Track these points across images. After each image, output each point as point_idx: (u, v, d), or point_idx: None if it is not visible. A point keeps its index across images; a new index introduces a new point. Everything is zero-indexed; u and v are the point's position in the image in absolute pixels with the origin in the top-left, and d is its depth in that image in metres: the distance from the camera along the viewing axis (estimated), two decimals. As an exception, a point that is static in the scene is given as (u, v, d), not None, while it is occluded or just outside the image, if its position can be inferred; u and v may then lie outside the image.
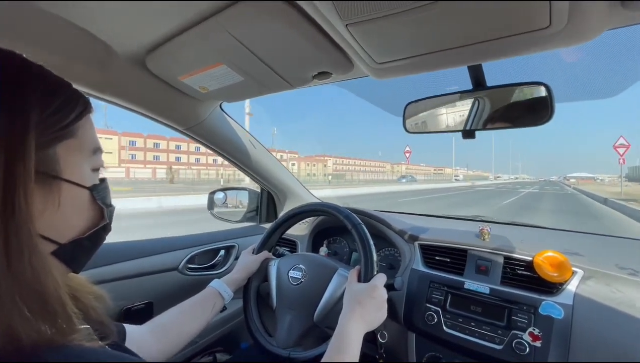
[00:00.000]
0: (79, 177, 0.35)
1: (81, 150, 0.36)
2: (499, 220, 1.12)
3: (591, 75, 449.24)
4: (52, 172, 0.32)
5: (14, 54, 0.32)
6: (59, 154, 0.33)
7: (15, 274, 0.27)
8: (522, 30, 0.44)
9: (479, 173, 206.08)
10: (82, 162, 0.36)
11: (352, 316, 0.60)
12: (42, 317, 0.28)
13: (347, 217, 0.78)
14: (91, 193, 0.37)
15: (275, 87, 0.77)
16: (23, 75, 0.31)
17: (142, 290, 0.97)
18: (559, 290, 0.73)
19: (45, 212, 0.32)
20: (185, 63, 0.70)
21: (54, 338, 0.29)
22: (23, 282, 0.27)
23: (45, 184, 0.31)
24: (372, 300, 0.64)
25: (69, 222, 0.35)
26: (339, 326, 0.59)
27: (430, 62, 0.57)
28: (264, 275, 0.86)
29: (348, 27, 0.49)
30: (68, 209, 0.34)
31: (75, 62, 0.67)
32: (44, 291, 0.29)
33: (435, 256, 0.93)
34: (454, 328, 0.80)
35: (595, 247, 0.91)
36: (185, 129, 0.98)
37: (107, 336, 0.38)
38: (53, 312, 0.29)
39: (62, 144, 0.33)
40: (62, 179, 0.33)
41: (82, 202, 0.36)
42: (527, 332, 0.71)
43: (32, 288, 0.28)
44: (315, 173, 46.09)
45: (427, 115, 0.75)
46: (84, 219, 0.37)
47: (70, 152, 0.34)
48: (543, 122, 0.56)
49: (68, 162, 0.34)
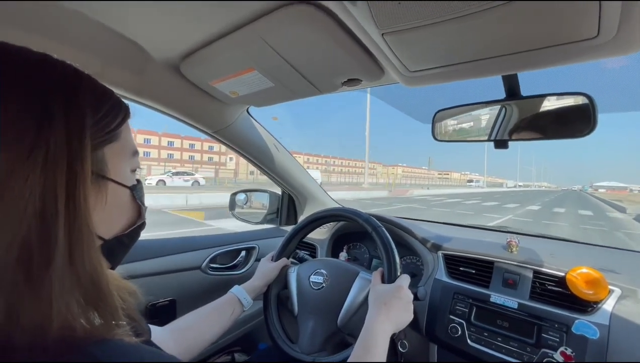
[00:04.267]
0: (122, 177, 0.38)
1: (123, 152, 0.38)
2: (528, 232, 1.08)
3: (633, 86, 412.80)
4: (101, 172, 0.35)
5: (67, 64, 0.34)
6: (107, 156, 0.35)
7: (77, 269, 0.29)
8: (566, 41, 0.43)
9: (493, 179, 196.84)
10: (124, 163, 0.38)
11: (378, 317, 0.60)
12: (95, 306, 0.30)
13: (367, 221, 0.77)
14: (132, 192, 0.39)
15: (304, 93, 0.78)
16: (77, 83, 0.33)
17: (166, 287, 0.99)
18: (594, 309, 0.70)
19: (95, 210, 0.34)
20: (218, 69, 0.72)
21: (101, 331, 0.30)
22: (82, 274, 0.29)
23: (95, 183, 0.34)
24: (398, 300, 0.63)
25: (113, 220, 0.38)
26: (365, 327, 0.59)
27: (464, 71, 0.56)
28: (283, 282, 0.87)
29: (384, 36, 0.49)
30: (113, 208, 0.37)
31: (112, 66, 0.70)
32: (98, 283, 0.31)
33: (459, 267, 0.91)
34: (479, 343, 0.78)
35: (632, 264, 0.86)
36: (214, 132, 1.00)
37: (142, 334, 0.40)
38: (103, 302, 0.31)
39: (108, 146, 0.35)
40: (109, 179, 0.36)
41: (124, 201, 0.39)
42: (558, 351, 0.68)
43: (89, 280, 0.30)
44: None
45: (458, 123, 0.73)
46: (125, 218, 0.40)
47: (115, 154, 0.36)
48: (584, 134, 0.54)
49: (113, 163, 0.36)
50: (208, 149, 60.76)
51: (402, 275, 0.69)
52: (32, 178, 0.27)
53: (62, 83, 0.32)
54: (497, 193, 40.92)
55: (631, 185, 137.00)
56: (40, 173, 0.28)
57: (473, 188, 61.17)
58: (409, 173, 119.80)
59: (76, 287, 0.29)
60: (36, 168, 0.27)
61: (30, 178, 0.27)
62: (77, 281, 0.29)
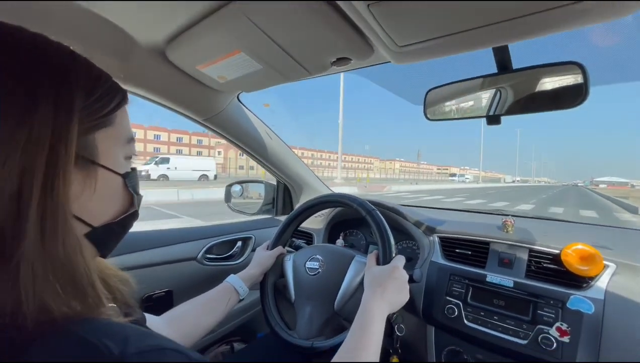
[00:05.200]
0: (114, 164, 0.37)
1: (117, 138, 0.37)
2: (522, 214, 1.08)
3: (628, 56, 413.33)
4: (91, 157, 0.34)
5: (62, 45, 0.34)
6: (98, 141, 0.34)
7: (50, 252, 0.28)
8: (554, 5, 0.42)
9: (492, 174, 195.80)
10: (117, 150, 0.37)
11: (374, 298, 0.59)
12: (73, 295, 0.29)
13: (361, 204, 0.77)
14: (124, 180, 0.38)
15: (293, 75, 0.76)
16: (71, 65, 0.33)
17: (162, 278, 0.99)
18: (589, 285, 0.70)
19: (82, 195, 0.33)
20: (205, 52, 0.71)
21: (83, 312, 0.30)
22: (56, 260, 0.29)
23: (84, 168, 0.33)
24: (393, 280, 0.63)
25: (102, 206, 0.37)
26: (361, 309, 0.59)
27: (454, 44, 0.55)
28: (280, 270, 0.86)
29: (370, 8, 0.48)
30: (102, 194, 0.36)
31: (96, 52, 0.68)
32: (75, 270, 0.30)
33: (455, 249, 0.91)
34: (475, 322, 0.78)
35: (624, 241, 0.86)
36: (204, 120, 0.98)
37: (131, 314, 0.39)
38: (83, 290, 0.30)
39: (101, 131, 0.34)
40: (99, 165, 0.35)
41: (115, 188, 0.38)
42: (554, 326, 0.68)
43: (64, 267, 0.29)
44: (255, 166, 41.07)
45: (449, 102, 0.72)
46: (116, 205, 0.39)
47: (108, 140, 0.35)
48: (576, 104, 0.53)
49: (105, 149, 0.35)
50: (197, 143, 59.91)
51: (397, 256, 0.69)
52: (13, 157, 0.27)
53: (54, 63, 0.31)
54: (490, 189, 36.65)
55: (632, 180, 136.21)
56: (21, 153, 0.27)
57: (456, 183, 55.12)
58: (407, 167, 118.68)
59: (50, 272, 0.28)
60: (18, 147, 0.27)
61: (10, 158, 0.26)
62: (51, 267, 0.28)
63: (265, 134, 1.14)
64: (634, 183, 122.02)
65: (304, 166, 1.35)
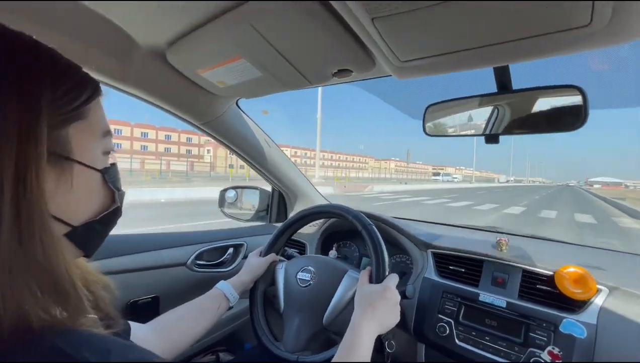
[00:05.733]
0: (90, 159, 0.35)
1: (92, 132, 0.36)
2: (518, 233, 1.08)
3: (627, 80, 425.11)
4: (64, 153, 0.32)
5: (24, 35, 0.32)
6: (71, 136, 0.33)
7: (27, 253, 0.27)
8: (559, 28, 0.42)
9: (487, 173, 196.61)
10: (93, 144, 0.36)
11: (364, 318, 0.58)
12: (53, 298, 0.28)
13: (357, 218, 0.76)
14: (103, 176, 0.37)
15: (294, 84, 0.76)
16: (34, 56, 0.31)
17: (149, 283, 0.96)
18: (582, 308, 0.69)
19: (58, 193, 0.32)
20: (205, 56, 0.70)
21: (64, 322, 0.28)
22: (34, 262, 0.27)
23: (57, 165, 0.31)
24: (385, 301, 0.62)
25: (81, 204, 0.35)
26: (351, 327, 0.57)
27: (456, 61, 0.55)
28: (271, 278, 0.85)
29: (374, 22, 0.47)
30: (80, 192, 0.34)
31: (96, 51, 0.68)
32: (55, 271, 0.29)
33: (449, 266, 0.90)
34: (466, 342, 0.77)
35: (618, 264, 0.86)
36: (202, 125, 0.97)
37: (112, 326, 0.38)
38: (64, 293, 0.29)
39: (73, 125, 0.33)
40: (74, 160, 0.33)
41: (93, 184, 0.36)
42: (545, 350, 0.67)
43: (43, 268, 0.28)
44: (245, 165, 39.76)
45: (449, 118, 0.72)
46: (95, 202, 0.37)
47: (82, 134, 0.34)
48: (575, 128, 0.53)
49: (79, 144, 0.34)
50: (186, 141, 59.13)
51: (390, 274, 0.68)
52: None
53: (16, 55, 0.30)
54: (481, 189, 34.78)
55: (625, 181, 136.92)
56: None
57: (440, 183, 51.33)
58: (402, 167, 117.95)
59: (28, 275, 0.27)
60: None
61: None
62: (29, 270, 0.27)
63: (262, 141, 1.13)
64: (628, 183, 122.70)
65: (301, 174, 1.35)
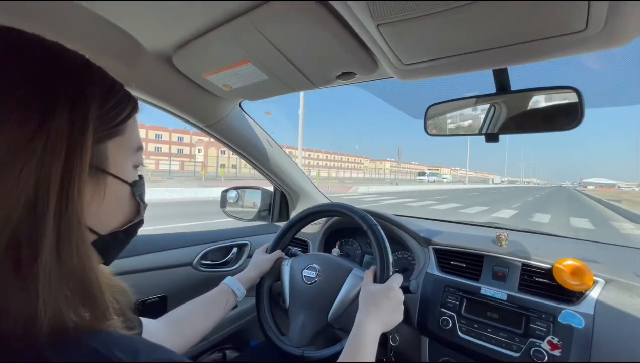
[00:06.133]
0: (123, 173, 0.37)
1: (127, 148, 0.38)
2: (516, 228, 1.11)
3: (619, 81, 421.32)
4: (101, 166, 0.34)
5: (78, 54, 0.34)
6: (109, 150, 0.35)
7: (65, 261, 0.28)
8: (556, 33, 0.44)
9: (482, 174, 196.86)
10: (126, 159, 0.38)
11: (368, 317, 0.60)
12: (83, 302, 0.30)
13: (363, 218, 0.78)
14: (132, 189, 0.39)
15: (298, 86, 0.78)
16: (86, 74, 0.33)
17: (157, 283, 0.98)
18: (580, 299, 0.72)
19: (92, 204, 0.33)
20: (212, 60, 0.72)
21: (94, 324, 0.30)
22: (70, 269, 0.29)
23: (94, 177, 0.33)
24: (388, 301, 0.64)
25: (110, 215, 0.37)
26: (355, 327, 0.59)
27: (457, 64, 0.58)
28: (276, 274, 0.87)
29: (379, 28, 0.49)
30: (111, 203, 0.36)
31: (103, 56, 0.69)
32: (88, 279, 0.30)
33: (450, 261, 0.92)
34: (469, 334, 0.79)
35: (613, 257, 0.89)
36: (206, 126, 0.99)
37: (134, 328, 0.39)
38: (92, 298, 0.30)
39: (112, 140, 0.35)
40: (109, 173, 0.35)
41: (123, 197, 0.38)
42: (545, 340, 0.69)
43: (77, 275, 0.29)
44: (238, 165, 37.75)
45: (449, 118, 0.75)
46: (123, 214, 0.39)
47: (118, 149, 0.36)
48: (571, 127, 0.56)
49: (115, 158, 0.35)
50: (177, 141, 58.16)
51: (394, 274, 0.70)
52: (29, 166, 0.27)
53: (70, 73, 0.32)
54: (473, 190, 32.98)
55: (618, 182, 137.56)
56: (37, 162, 0.27)
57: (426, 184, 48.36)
58: (398, 168, 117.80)
59: (64, 282, 0.28)
60: (34, 157, 0.27)
61: (26, 167, 0.27)
62: (65, 276, 0.28)
63: (265, 142, 1.15)
64: (620, 184, 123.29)
65: (303, 174, 1.36)
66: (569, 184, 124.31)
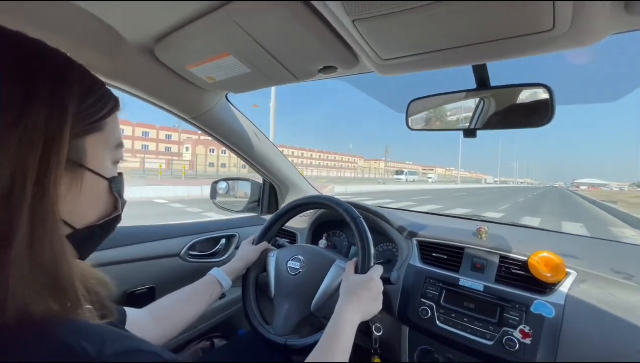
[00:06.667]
0: (101, 168, 0.37)
1: (106, 143, 0.38)
2: (498, 221, 1.13)
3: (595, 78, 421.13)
4: (79, 161, 0.35)
5: (59, 51, 0.34)
6: (87, 145, 0.35)
7: (36, 253, 0.29)
8: (526, 32, 0.45)
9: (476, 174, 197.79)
10: (105, 154, 0.38)
11: (347, 307, 0.62)
12: (53, 295, 0.30)
13: (346, 210, 0.79)
14: (109, 184, 0.39)
15: (281, 79, 0.78)
16: (66, 71, 0.34)
17: (144, 274, 0.99)
18: (552, 290, 0.74)
19: (67, 197, 0.34)
20: (193, 52, 0.71)
21: (62, 315, 0.30)
22: (42, 260, 0.29)
23: (71, 171, 0.34)
24: (367, 291, 0.66)
25: (86, 209, 0.38)
26: (335, 315, 0.61)
27: (434, 60, 0.58)
28: (263, 265, 0.88)
29: (354, 23, 0.50)
30: (87, 197, 0.36)
31: (84, 48, 0.68)
32: (58, 271, 0.31)
33: (432, 253, 0.95)
34: (446, 323, 0.82)
35: (593, 250, 0.91)
36: (192, 118, 0.99)
37: (107, 316, 0.40)
38: (63, 292, 0.31)
39: (91, 136, 0.35)
40: (86, 168, 0.35)
41: (100, 191, 0.39)
42: (517, 329, 0.72)
43: (48, 267, 0.30)
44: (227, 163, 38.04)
45: (431, 113, 0.75)
46: (99, 208, 0.39)
47: (97, 144, 0.36)
48: (543, 123, 0.57)
49: (93, 153, 0.36)
50: (165, 138, 57.13)
51: (375, 266, 0.72)
52: (4, 156, 0.27)
53: (51, 69, 0.32)
54: (461, 191, 31.42)
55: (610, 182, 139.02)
56: (13, 152, 0.28)
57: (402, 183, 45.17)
58: (392, 167, 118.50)
59: (35, 272, 0.29)
60: (10, 147, 0.27)
61: (2, 154, 0.27)
62: (36, 267, 0.29)
63: (252, 134, 1.15)
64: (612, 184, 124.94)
65: (291, 166, 1.37)
66: (562, 185, 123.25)
